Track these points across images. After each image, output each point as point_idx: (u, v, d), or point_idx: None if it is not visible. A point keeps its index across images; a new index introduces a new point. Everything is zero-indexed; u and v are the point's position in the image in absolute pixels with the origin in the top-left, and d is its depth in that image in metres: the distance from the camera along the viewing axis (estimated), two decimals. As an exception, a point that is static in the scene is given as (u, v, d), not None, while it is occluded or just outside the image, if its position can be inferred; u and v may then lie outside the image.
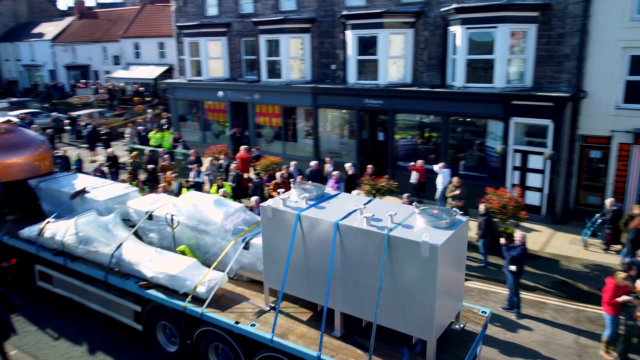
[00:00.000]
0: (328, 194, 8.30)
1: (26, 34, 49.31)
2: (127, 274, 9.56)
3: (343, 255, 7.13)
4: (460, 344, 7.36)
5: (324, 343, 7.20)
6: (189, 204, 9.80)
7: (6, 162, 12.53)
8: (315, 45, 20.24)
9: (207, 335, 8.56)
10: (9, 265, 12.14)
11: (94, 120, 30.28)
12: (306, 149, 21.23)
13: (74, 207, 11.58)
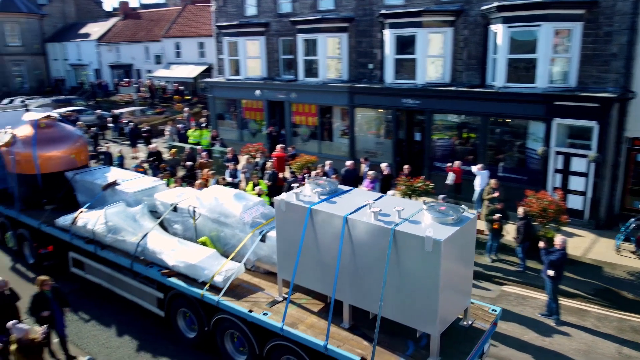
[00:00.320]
0: (341, 189, 8.47)
1: (73, 35, 51.13)
2: (151, 262, 10.06)
3: (351, 249, 7.32)
4: (467, 340, 7.47)
5: (333, 334, 7.44)
6: (211, 198, 10.22)
7: (46, 154, 13.22)
8: (352, 45, 20.19)
9: (223, 322, 8.96)
10: (47, 252, 12.89)
11: (135, 117, 31.10)
12: (342, 149, 21.20)
13: (106, 198, 12.17)
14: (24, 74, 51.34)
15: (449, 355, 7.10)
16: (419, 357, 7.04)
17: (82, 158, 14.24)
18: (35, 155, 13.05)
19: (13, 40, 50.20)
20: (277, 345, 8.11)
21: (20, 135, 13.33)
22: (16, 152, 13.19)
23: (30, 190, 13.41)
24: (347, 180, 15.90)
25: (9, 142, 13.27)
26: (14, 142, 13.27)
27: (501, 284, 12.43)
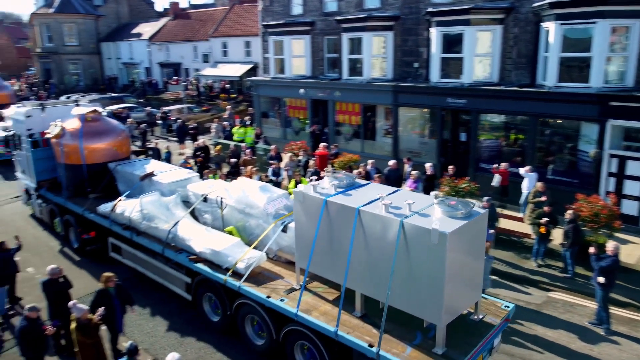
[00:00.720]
0: (358, 183, 8.72)
1: (126, 34, 52.98)
2: (181, 248, 10.65)
3: (363, 240, 7.57)
4: (475, 334, 7.57)
5: (344, 321, 7.83)
6: (239, 189, 10.82)
7: (91, 146, 14.14)
8: (397, 43, 20.00)
9: (244, 307, 9.45)
10: (89, 237, 13.80)
11: (183, 115, 31.95)
12: (385, 148, 21.05)
13: (143, 188, 12.92)
14: (80, 72, 53.59)
15: (456, 346, 7.21)
16: (425, 347, 7.23)
17: (123, 150, 15.12)
18: (82, 147, 13.94)
19: (70, 40, 52.50)
20: (293, 330, 8.50)
21: (68, 128, 14.14)
22: (65, 144, 14.05)
23: (76, 180, 14.30)
24: (390, 180, 15.78)
25: (58, 134, 14.10)
26: (63, 135, 14.11)
27: (548, 290, 12.03)
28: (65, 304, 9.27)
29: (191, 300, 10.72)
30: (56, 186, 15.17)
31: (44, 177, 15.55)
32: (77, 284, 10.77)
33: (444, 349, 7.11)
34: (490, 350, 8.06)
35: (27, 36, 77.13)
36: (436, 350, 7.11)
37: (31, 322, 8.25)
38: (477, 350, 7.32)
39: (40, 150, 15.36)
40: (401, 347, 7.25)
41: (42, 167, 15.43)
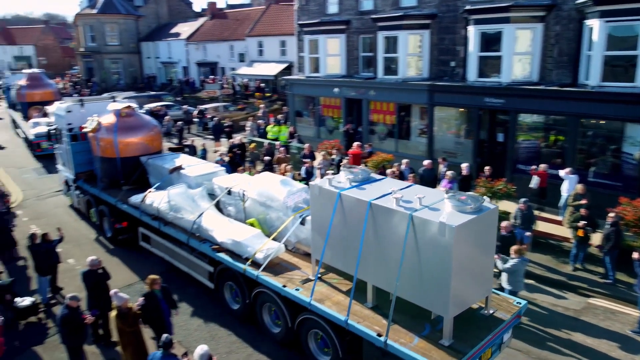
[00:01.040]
0: (373, 177, 8.90)
1: (165, 34, 54.18)
2: (204, 239, 11.10)
3: (375, 232, 7.79)
4: (484, 328, 7.67)
5: (356, 311, 8.08)
6: (260, 183, 11.30)
7: (125, 140, 14.78)
8: (434, 42, 19.74)
9: (261, 296, 9.80)
10: (121, 227, 14.46)
11: (218, 113, 32.43)
12: (419, 148, 20.82)
13: (172, 180, 13.45)
14: (121, 71, 55.14)
15: (464, 339, 7.33)
16: (433, 339, 7.38)
17: (155, 144, 15.71)
18: (116, 141, 14.59)
19: (112, 40, 54.07)
20: (306, 319, 8.79)
21: (104, 123, 14.82)
22: (100, 138, 14.76)
23: (110, 172, 14.96)
24: (425, 180, 15.62)
25: (94, 128, 14.79)
26: (99, 129, 14.80)
27: (587, 295, 11.65)
28: (103, 295, 9.57)
29: (213, 289, 11.16)
30: (92, 178, 15.96)
31: (82, 169, 16.32)
32: (115, 275, 11.05)
33: (451, 341, 7.24)
34: (500, 345, 8.13)
35: (72, 36, 79.91)
36: (443, 341, 7.27)
37: (72, 311, 8.53)
38: (484, 344, 7.42)
39: (78, 143, 16.11)
40: (409, 338, 7.44)
41: (80, 159, 16.19)
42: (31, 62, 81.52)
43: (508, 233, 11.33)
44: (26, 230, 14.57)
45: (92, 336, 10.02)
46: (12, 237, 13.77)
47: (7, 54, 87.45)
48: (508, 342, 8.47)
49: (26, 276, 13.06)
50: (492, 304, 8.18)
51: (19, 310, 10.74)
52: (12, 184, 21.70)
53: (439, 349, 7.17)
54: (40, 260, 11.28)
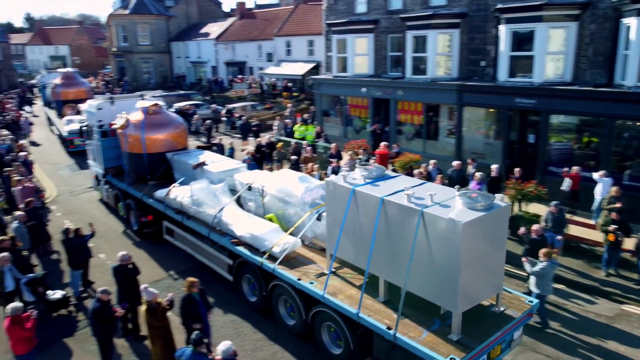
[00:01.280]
0: (388, 175, 9.07)
1: (195, 34, 54.92)
2: (224, 232, 11.44)
3: (386, 228, 7.92)
4: (493, 325, 7.74)
5: (367, 305, 8.25)
6: (279, 179, 11.66)
7: (152, 137, 15.23)
8: (464, 41, 19.48)
9: (277, 288, 10.06)
10: (147, 220, 14.93)
11: (246, 112, 32.70)
12: (447, 148, 20.57)
13: (195, 176, 13.88)
14: (151, 71, 56.16)
15: (473, 335, 7.41)
16: (442, 333, 7.48)
17: (180, 141, 16.13)
18: (143, 137, 15.05)
19: (143, 40, 55.10)
20: (320, 311, 9.02)
21: (132, 120, 15.31)
22: (129, 134, 15.25)
23: (137, 167, 15.46)
24: (453, 180, 15.43)
25: (123, 125, 15.29)
26: (127, 126, 15.29)
27: (621, 302, 11.30)
28: (133, 289, 9.76)
29: (232, 281, 11.51)
30: (121, 173, 16.52)
31: (111, 164, 16.86)
32: (144, 271, 11.26)
33: (459, 336, 7.33)
34: (510, 342, 8.17)
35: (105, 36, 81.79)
36: (451, 336, 7.36)
37: (103, 304, 8.72)
38: (493, 340, 7.50)
39: (108, 139, 16.63)
40: (418, 332, 7.58)
41: (109, 155, 16.72)
42: (66, 61, 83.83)
43: (539, 236, 11.09)
44: (60, 225, 14.98)
45: (122, 330, 10.23)
46: (46, 231, 14.16)
47: (44, 54, 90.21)
48: (519, 340, 8.50)
49: (59, 270, 13.42)
50: (504, 302, 8.24)
51: (51, 303, 11.03)
52: (47, 180, 22.33)
53: (447, 343, 7.27)
54: (73, 255, 11.58)
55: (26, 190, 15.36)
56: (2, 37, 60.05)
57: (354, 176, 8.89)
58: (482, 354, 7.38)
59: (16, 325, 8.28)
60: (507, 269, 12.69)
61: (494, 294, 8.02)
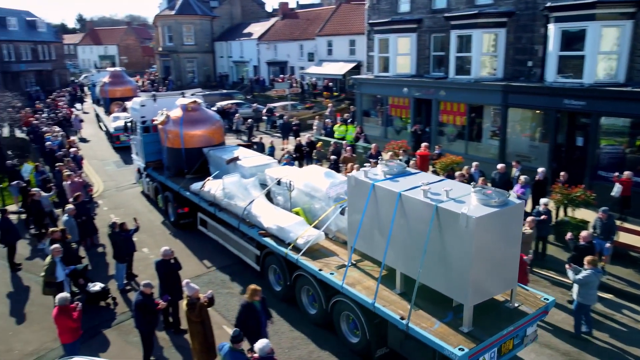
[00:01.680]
0: (409, 171, 9.32)
1: (238, 34, 55.75)
2: (253, 224, 11.95)
3: (403, 222, 8.16)
4: (506, 319, 7.83)
5: (384, 296, 8.50)
6: (306, 174, 12.17)
7: (190, 132, 15.92)
8: (510, 41, 18.96)
9: (300, 279, 10.47)
10: (183, 212, 15.68)
11: (286, 112, 32.93)
12: (490, 150, 20.09)
13: (229, 170, 14.34)
14: (195, 70, 57.37)
15: (484, 328, 7.55)
16: (453, 325, 7.64)
17: (217, 137, 16.75)
18: (182, 133, 15.75)
19: (188, 40, 56.35)
20: (339, 301, 9.35)
21: (172, 116, 16.02)
22: (168, 130, 15.94)
23: (176, 161, 16.16)
24: (496, 184, 15.07)
25: (163, 121, 15.98)
26: (167, 122, 15.97)
27: (675, 315, 10.73)
28: (174, 284, 9.96)
29: (259, 271, 12.01)
30: (160, 167, 17.17)
31: (152, 158, 17.60)
32: (185, 266, 11.48)
33: (470, 328, 7.47)
34: (523, 338, 8.22)
35: (151, 36, 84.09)
36: (462, 328, 7.52)
37: (146, 297, 8.95)
38: (505, 335, 7.61)
39: (149, 135, 17.40)
40: (430, 323, 7.77)
41: (151, 149, 17.46)
42: (114, 60, 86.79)
43: (586, 243, 10.67)
44: (106, 219, 15.54)
45: (163, 322, 10.48)
46: (94, 225, 14.68)
47: (94, 53, 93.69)
48: (533, 337, 8.48)
49: (105, 262, 13.86)
50: (519, 299, 8.33)
51: (90, 295, 11.40)
52: (95, 175, 23.15)
53: (458, 335, 7.42)
54: (119, 248, 11.94)
55: (75, 185, 15.97)
56: (56, 38, 62.70)
57: (375, 172, 9.18)
58: (492, 347, 7.51)
59: (63, 314, 8.59)
60: (552, 275, 12.31)
61: (507, 290, 8.14)
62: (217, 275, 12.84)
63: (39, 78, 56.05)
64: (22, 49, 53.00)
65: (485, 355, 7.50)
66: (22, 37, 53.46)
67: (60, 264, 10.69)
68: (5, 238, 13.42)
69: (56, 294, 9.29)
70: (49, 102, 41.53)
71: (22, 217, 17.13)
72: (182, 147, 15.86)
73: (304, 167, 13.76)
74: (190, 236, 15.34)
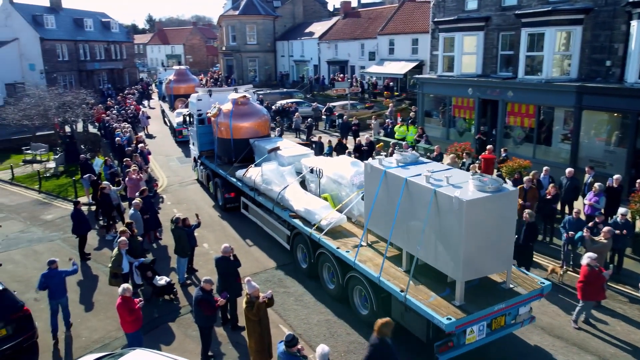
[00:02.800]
0: (421, 160, 10.21)
1: (299, 33, 56.16)
2: (285, 207, 13.10)
3: (408, 204, 9.00)
4: (498, 297, 8.54)
5: (390, 273, 9.46)
6: (336, 163, 13.37)
7: (238, 125, 17.31)
8: (586, 39, 17.85)
9: (322, 256, 11.50)
10: (229, 197, 17.14)
11: (346, 111, 32.75)
12: (561, 155, 19.03)
13: (270, 159, 15.52)
14: (256, 69, 58.34)
15: (476, 303, 8.31)
16: (448, 299, 8.42)
17: (262, 129, 18.07)
18: (231, 125, 17.13)
19: (251, 40, 57.38)
20: (352, 276, 10.33)
21: (223, 110, 17.49)
22: (219, 122, 17.47)
23: (225, 151, 17.69)
24: (565, 189, 14.29)
25: (215, 114, 17.59)
26: (219, 114, 17.50)
27: None
28: (233, 281, 10.03)
29: (289, 250, 13.19)
30: (212, 156, 18.63)
31: (205, 148, 19.25)
32: (244, 263, 11.58)
33: (462, 303, 8.24)
34: (515, 316, 8.78)
35: (215, 36, 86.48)
36: (454, 302, 8.30)
37: (205, 293, 9.05)
38: (495, 311, 8.29)
39: (204, 126, 19.13)
40: (427, 296, 8.59)
41: (204, 140, 19.14)
42: (180, 59, 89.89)
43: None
44: (169, 214, 16.00)
45: (221, 319, 10.59)
46: (157, 219, 15.11)
47: (161, 53, 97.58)
48: (527, 317, 9.01)
49: (167, 256, 14.25)
50: (518, 281, 9.02)
51: (156, 288, 11.70)
52: (160, 170, 23.96)
53: (450, 307, 8.20)
54: (181, 243, 12.19)
55: (132, 182, 16.51)
56: (127, 38, 65.66)
57: (389, 160, 10.16)
58: (481, 320, 8.20)
59: (125, 304, 8.84)
60: (628, 291, 11.49)
61: (501, 271, 8.94)
62: (274, 274, 12.87)
63: (111, 76, 58.89)
64: (96, 49, 55.87)
65: (474, 327, 8.20)
66: (96, 37, 56.37)
67: (126, 256, 11.04)
68: (77, 229, 14.06)
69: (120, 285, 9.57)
70: (119, 100, 43.52)
71: (92, 208, 17.95)
72: (231, 137, 17.21)
73: (335, 157, 15.05)
74: (248, 233, 15.51)
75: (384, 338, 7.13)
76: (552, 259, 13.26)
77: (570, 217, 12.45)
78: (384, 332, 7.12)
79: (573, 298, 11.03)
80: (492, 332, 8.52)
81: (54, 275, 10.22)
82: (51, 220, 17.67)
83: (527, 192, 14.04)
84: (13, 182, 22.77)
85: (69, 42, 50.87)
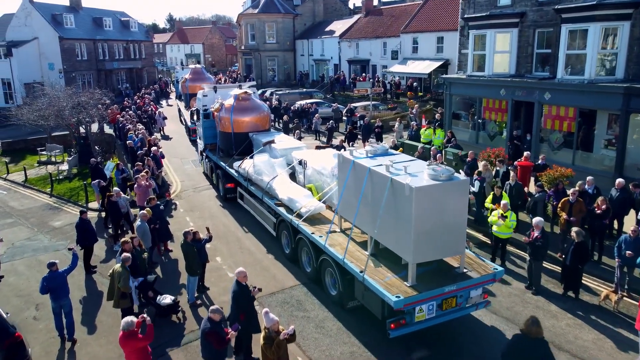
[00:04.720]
0: (390, 152, 10.91)
1: (319, 32, 54.95)
2: (272, 196, 13.94)
3: (370, 191, 9.68)
4: (449, 279, 9.05)
5: (356, 256, 10.05)
6: (320, 156, 14.00)
7: (239, 119, 17.97)
8: (635, 35, 16.31)
9: (301, 242, 12.28)
10: (229, 187, 17.82)
11: (368, 112, 31.46)
12: (604, 162, 17.51)
13: (265, 151, 16.23)
14: (275, 68, 57.34)
15: (428, 283, 8.86)
16: (402, 280, 8.98)
17: (262, 124, 18.71)
18: (232, 119, 17.79)
19: (270, 39, 56.37)
20: (324, 260, 11.02)
21: (225, 104, 18.18)
22: (221, 116, 18.18)
23: (226, 144, 18.36)
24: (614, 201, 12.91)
25: (218, 108, 18.33)
26: (221, 109, 18.20)
27: None
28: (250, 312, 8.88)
29: (275, 236, 13.97)
30: (215, 149, 19.26)
31: (209, 141, 19.92)
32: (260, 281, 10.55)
33: (414, 283, 8.79)
34: (467, 299, 9.21)
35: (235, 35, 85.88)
36: (407, 282, 8.87)
37: (214, 325, 7.95)
38: (446, 293, 8.78)
39: (208, 121, 19.75)
40: (383, 276, 9.20)
41: (208, 133, 19.83)
42: (199, 59, 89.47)
43: None
44: (181, 222, 15.10)
45: (234, 347, 9.47)
46: (168, 230, 14.06)
47: (181, 52, 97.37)
48: (479, 300, 9.44)
49: (176, 270, 13.20)
50: (473, 266, 9.49)
51: (161, 308, 10.66)
52: (174, 174, 23.02)
53: (402, 287, 8.78)
54: (191, 260, 11.11)
55: (141, 189, 15.52)
56: (146, 37, 65.25)
57: (360, 151, 10.73)
58: (430, 300, 8.67)
59: (130, 339, 7.78)
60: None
61: (453, 255, 9.46)
62: (292, 294, 11.69)
63: (129, 75, 58.49)
64: (115, 48, 55.44)
65: (423, 306, 8.64)
66: (115, 36, 55.95)
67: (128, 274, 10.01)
68: (83, 240, 13.13)
69: (128, 305, 9.59)
70: (136, 99, 42.91)
71: (102, 214, 17.06)
72: (232, 131, 17.88)
73: (322, 150, 15.64)
74: (265, 245, 14.40)
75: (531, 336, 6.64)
76: (602, 281, 11.87)
77: (626, 236, 11.02)
78: (537, 332, 6.62)
79: (632, 330, 9.65)
80: (443, 313, 9.03)
81: (55, 277, 9.97)
82: (59, 227, 16.82)
83: (572, 206, 12.64)
84: (26, 185, 22.14)
85: (88, 41, 50.52)
